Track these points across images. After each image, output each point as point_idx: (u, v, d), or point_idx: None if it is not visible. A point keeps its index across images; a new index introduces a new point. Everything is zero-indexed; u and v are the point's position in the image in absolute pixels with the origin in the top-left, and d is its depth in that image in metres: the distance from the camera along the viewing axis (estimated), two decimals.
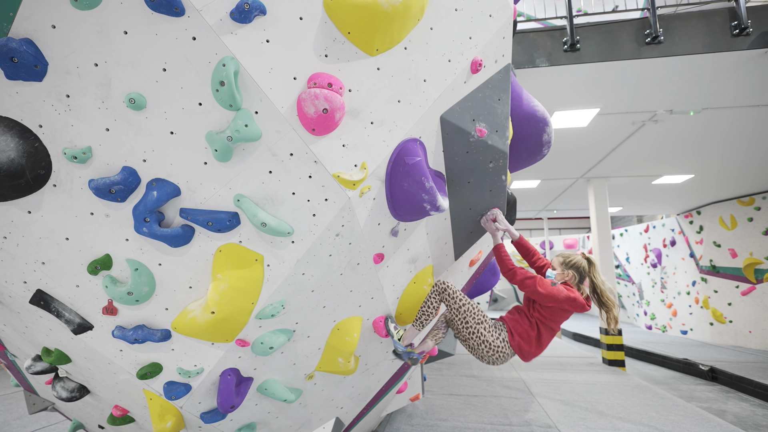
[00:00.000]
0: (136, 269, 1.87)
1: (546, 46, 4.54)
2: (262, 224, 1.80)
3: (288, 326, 2.20)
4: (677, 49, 4.32)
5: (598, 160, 7.65)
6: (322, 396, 2.74)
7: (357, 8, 1.67)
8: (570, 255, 2.54)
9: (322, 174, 1.82)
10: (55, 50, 1.52)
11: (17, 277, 1.88)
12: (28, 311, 2.00)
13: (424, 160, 2.03)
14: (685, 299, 12.48)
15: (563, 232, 23.57)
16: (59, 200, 1.73)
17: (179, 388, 2.15)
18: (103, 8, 1.48)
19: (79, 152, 1.65)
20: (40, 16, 1.48)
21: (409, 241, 2.39)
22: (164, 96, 1.61)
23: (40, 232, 1.78)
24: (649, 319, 14.38)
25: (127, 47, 1.54)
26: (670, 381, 8.50)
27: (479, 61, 2.10)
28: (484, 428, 4.61)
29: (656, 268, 13.88)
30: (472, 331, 2.44)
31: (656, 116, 5.67)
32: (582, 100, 5.24)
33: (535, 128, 2.54)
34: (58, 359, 2.24)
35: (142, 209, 1.73)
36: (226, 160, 1.72)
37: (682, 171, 8.27)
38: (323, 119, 1.70)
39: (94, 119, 1.62)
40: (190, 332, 1.97)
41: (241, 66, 1.59)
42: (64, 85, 1.57)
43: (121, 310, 1.96)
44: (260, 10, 1.58)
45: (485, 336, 2.43)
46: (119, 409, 2.50)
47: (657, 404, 5.44)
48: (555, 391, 6.06)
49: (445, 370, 7.59)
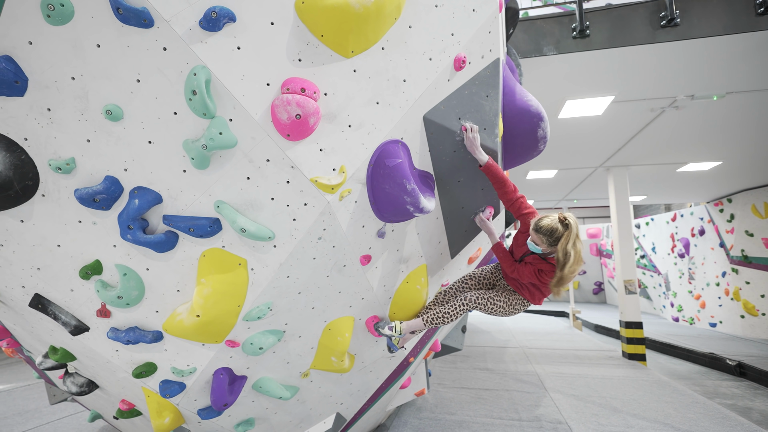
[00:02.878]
0: (124, 274, 1.93)
1: (554, 33, 4.37)
2: (241, 230, 1.82)
3: (277, 327, 2.24)
4: (695, 31, 4.08)
5: (617, 149, 7.37)
6: (320, 393, 2.79)
7: (328, 10, 1.64)
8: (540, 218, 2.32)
9: (300, 179, 1.82)
10: (33, 66, 1.57)
11: (16, 282, 1.98)
12: (29, 313, 2.11)
13: (406, 162, 2.00)
14: (715, 291, 11.97)
15: (587, 221, 22.93)
16: (48, 209, 1.80)
17: (174, 387, 2.22)
18: (75, 23, 1.51)
19: (63, 163, 1.70)
20: (16, 33, 1.52)
21: (398, 241, 2.38)
22: (140, 106, 1.64)
23: (33, 240, 1.86)
24: (675, 310, 13.89)
25: (100, 60, 1.57)
26: (694, 376, 8.22)
27: (462, 57, 2.04)
28: (492, 423, 4.59)
29: (684, 258, 13.35)
30: (498, 312, 2.60)
31: (676, 102, 5.39)
32: (595, 88, 5.03)
33: (529, 124, 2.46)
34: (64, 357, 2.35)
35: (125, 217, 1.78)
36: (203, 168, 1.75)
37: (708, 158, 7.87)
38: (297, 125, 1.70)
39: (75, 131, 1.67)
40: (179, 334, 2.03)
41: (212, 74, 1.60)
42: (45, 99, 1.62)
43: (114, 313, 2.04)
44: (229, 17, 1.58)
45: (511, 310, 2.60)
46: (126, 403, 2.62)
47: (676, 401, 5.28)
48: (569, 386, 5.96)
49: (459, 362, 7.58)
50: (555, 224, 2.22)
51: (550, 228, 2.22)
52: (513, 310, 2.61)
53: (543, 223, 2.24)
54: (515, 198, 2.39)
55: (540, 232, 2.25)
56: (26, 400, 5.43)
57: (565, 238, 2.18)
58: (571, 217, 2.23)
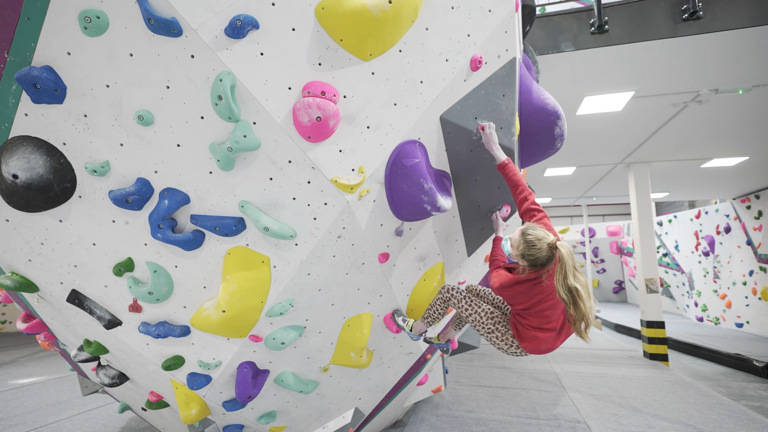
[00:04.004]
0: (155, 271, 2.03)
1: (571, 29, 4.32)
2: (264, 229, 1.89)
3: (298, 323, 2.31)
4: (719, 24, 3.98)
5: (638, 145, 7.22)
6: (339, 387, 2.86)
7: (347, 16, 1.69)
8: (538, 225, 2.00)
9: (320, 179, 1.88)
10: (71, 75, 1.67)
11: (55, 278, 2.10)
12: (66, 308, 2.23)
13: (423, 162, 2.04)
14: (741, 290, 11.61)
15: (606, 218, 22.48)
16: (85, 210, 1.91)
17: (200, 379, 2.32)
18: (109, 34, 1.60)
19: (98, 166, 1.80)
20: (56, 44, 1.62)
21: (416, 240, 2.42)
22: (169, 111, 1.73)
23: (71, 239, 1.97)
24: (699, 310, 13.52)
25: (133, 68, 1.66)
26: (718, 377, 8.01)
27: (479, 58, 2.07)
28: (510, 421, 4.59)
29: (708, 256, 12.98)
30: (483, 333, 2.32)
31: (699, 96, 5.26)
32: (614, 83, 4.95)
33: (546, 122, 2.47)
34: (97, 350, 2.48)
35: (155, 216, 1.87)
36: (229, 169, 1.82)
37: (734, 153, 7.64)
38: (318, 127, 1.76)
39: (110, 136, 1.77)
40: (206, 328, 2.12)
41: (237, 79, 1.67)
42: (82, 106, 1.71)
43: (145, 308, 2.14)
44: (253, 24, 1.64)
45: (496, 343, 2.25)
46: (154, 395, 2.74)
47: (699, 402, 5.17)
48: (588, 385, 5.90)
49: (475, 360, 7.57)
50: (543, 242, 1.91)
51: (536, 239, 1.92)
52: (497, 339, 2.23)
53: (533, 231, 1.95)
54: (526, 200, 2.16)
55: (525, 235, 1.96)
56: (59, 392, 5.68)
57: (560, 272, 1.83)
58: (564, 248, 1.87)
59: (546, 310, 2.04)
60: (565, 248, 1.86)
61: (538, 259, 1.93)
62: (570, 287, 1.80)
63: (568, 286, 1.80)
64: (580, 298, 1.80)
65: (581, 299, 1.80)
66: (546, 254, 1.91)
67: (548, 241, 1.91)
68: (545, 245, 1.90)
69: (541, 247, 1.91)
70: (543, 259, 1.92)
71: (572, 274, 1.82)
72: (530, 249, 1.93)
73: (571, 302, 1.81)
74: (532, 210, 2.13)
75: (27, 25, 1.58)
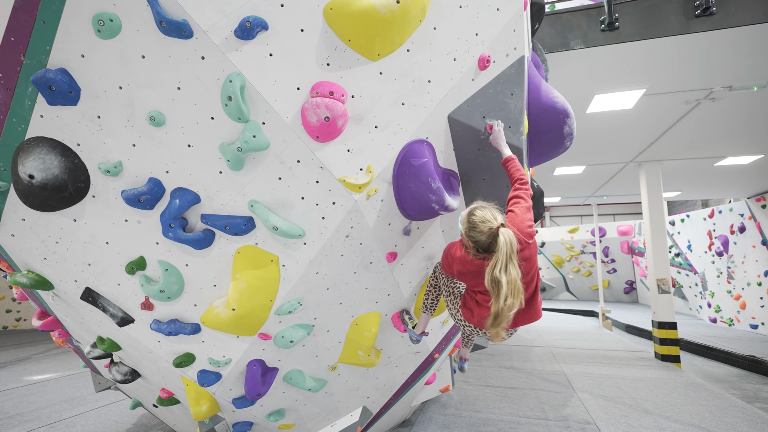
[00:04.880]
0: (166, 269, 2.06)
1: (581, 26, 4.28)
2: (273, 228, 1.91)
3: (307, 321, 2.33)
4: (733, 20, 3.90)
5: (649, 143, 7.13)
6: (347, 386, 2.87)
7: (355, 16, 1.70)
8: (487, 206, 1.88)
9: (329, 179, 1.89)
10: (85, 77, 1.70)
11: (69, 276, 2.14)
12: (80, 306, 2.28)
13: (431, 161, 2.04)
14: (756, 291, 11.39)
15: (617, 218, 22.22)
16: (98, 209, 1.94)
17: (210, 376, 2.35)
18: (122, 37, 1.63)
19: (111, 167, 1.83)
20: (71, 47, 1.65)
21: (423, 239, 2.42)
22: (180, 112, 1.75)
23: (84, 238, 2.01)
24: (713, 311, 13.30)
25: (145, 70, 1.68)
26: (732, 379, 7.88)
27: (487, 57, 2.06)
28: (519, 422, 4.56)
29: (722, 256, 12.75)
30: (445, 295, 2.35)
31: (713, 94, 5.17)
32: (624, 81, 4.89)
33: (555, 121, 2.45)
34: (110, 347, 2.52)
35: (167, 216, 1.90)
36: (238, 169, 1.84)
37: (748, 151, 7.50)
38: (326, 127, 1.77)
39: (122, 136, 1.80)
40: (216, 326, 2.14)
41: (246, 80, 1.69)
42: (95, 107, 1.75)
43: (157, 306, 2.17)
44: (262, 26, 1.66)
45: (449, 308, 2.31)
46: (165, 391, 2.78)
47: (712, 404, 5.09)
48: (598, 386, 5.84)
49: (483, 360, 7.54)
50: (485, 225, 1.79)
51: (479, 221, 1.81)
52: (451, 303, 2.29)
53: (480, 212, 1.83)
54: (511, 191, 2.05)
55: (470, 214, 1.86)
56: (72, 388, 5.79)
57: (493, 259, 1.72)
58: (504, 235, 1.73)
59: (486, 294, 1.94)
60: (505, 236, 1.73)
61: (478, 242, 1.82)
62: (494, 278, 1.69)
63: (492, 276, 1.69)
64: (500, 293, 1.67)
65: (500, 295, 1.67)
66: (486, 239, 1.79)
67: (491, 225, 1.79)
68: (487, 229, 1.79)
69: (483, 230, 1.79)
70: (483, 243, 1.81)
71: (503, 265, 1.69)
72: (472, 230, 1.83)
73: (493, 294, 1.70)
74: (511, 198, 2.03)
75: (42, 29, 1.61)
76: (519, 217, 1.91)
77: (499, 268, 1.68)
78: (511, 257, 1.70)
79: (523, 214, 1.93)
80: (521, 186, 2.04)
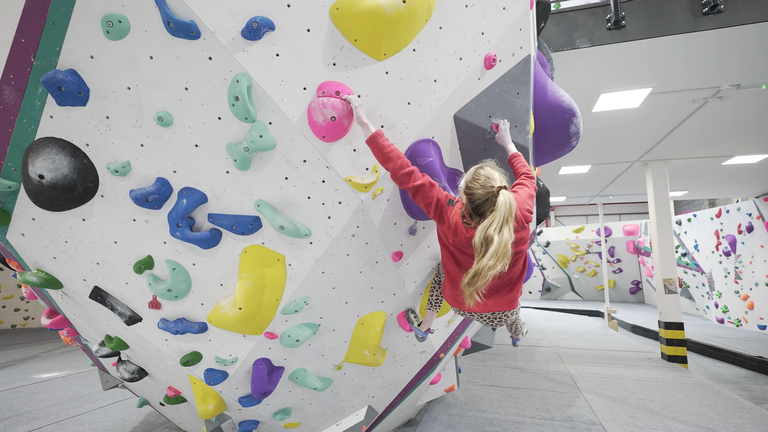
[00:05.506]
0: (173, 269, 2.07)
1: (587, 25, 4.26)
2: (280, 227, 1.92)
3: (313, 320, 2.33)
4: (741, 17, 3.87)
5: (656, 142, 7.08)
6: (352, 385, 2.88)
7: (361, 16, 1.71)
8: (479, 171, 1.83)
9: (335, 178, 1.90)
10: (94, 78, 1.72)
11: (78, 275, 2.16)
12: (89, 304, 2.30)
13: (437, 160, 2.04)
14: (764, 291, 11.28)
15: (623, 217, 22.08)
16: (107, 209, 1.96)
17: (217, 375, 2.36)
18: (131, 37, 1.64)
19: (119, 166, 1.85)
20: (80, 48, 1.67)
21: (429, 238, 2.42)
22: (188, 113, 1.76)
23: (93, 237, 2.03)
24: (720, 312, 13.18)
25: (153, 71, 1.69)
26: (740, 380, 7.81)
27: (493, 56, 2.06)
28: (524, 422, 4.55)
29: (730, 256, 12.63)
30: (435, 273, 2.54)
31: (720, 92, 5.13)
32: (631, 79, 4.86)
33: (561, 120, 2.44)
34: (118, 345, 2.54)
35: (174, 215, 1.91)
36: (245, 169, 1.85)
37: (757, 150, 7.43)
38: (332, 127, 1.78)
39: (131, 137, 1.81)
40: (223, 325, 2.16)
41: (253, 80, 1.70)
42: (104, 108, 1.76)
43: (164, 305, 2.19)
44: (269, 26, 1.67)
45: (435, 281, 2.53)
46: (172, 390, 2.80)
47: (719, 405, 5.05)
48: (604, 387, 5.81)
49: (488, 360, 7.52)
50: (488, 181, 1.74)
51: (484, 176, 1.76)
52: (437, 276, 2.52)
53: (488, 170, 1.80)
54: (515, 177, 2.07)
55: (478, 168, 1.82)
56: (80, 386, 5.84)
57: (489, 218, 1.66)
58: (504, 195, 1.68)
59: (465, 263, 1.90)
60: (506, 197, 1.67)
61: (473, 196, 1.75)
62: (486, 236, 1.62)
63: (485, 234, 1.63)
64: (486, 252, 1.60)
65: (486, 254, 1.60)
66: (482, 195, 1.73)
67: (494, 183, 1.73)
68: (488, 185, 1.73)
69: (484, 184, 1.74)
70: (479, 199, 1.74)
71: (498, 224, 1.63)
72: (474, 182, 1.77)
73: (479, 254, 1.64)
74: (515, 184, 2.00)
75: (52, 30, 1.63)
76: (521, 198, 1.86)
77: (494, 227, 1.63)
78: (508, 220, 1.65)
79: (525, 197, 1.89)
80: (526, 178, 2.02)
